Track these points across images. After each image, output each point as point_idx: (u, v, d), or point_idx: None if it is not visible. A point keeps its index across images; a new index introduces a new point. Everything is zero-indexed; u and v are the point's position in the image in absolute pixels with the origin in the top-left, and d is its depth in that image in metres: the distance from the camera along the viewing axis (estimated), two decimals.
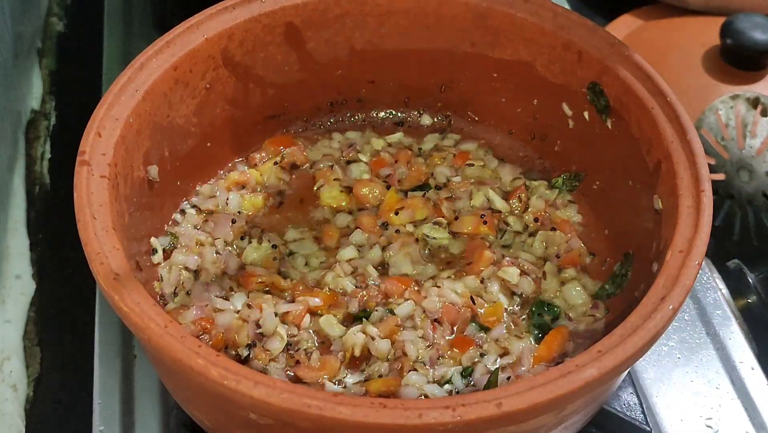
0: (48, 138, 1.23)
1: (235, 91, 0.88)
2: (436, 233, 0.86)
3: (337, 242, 0.86)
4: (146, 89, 0.78)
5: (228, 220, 0.86)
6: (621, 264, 0.82)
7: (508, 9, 0.87)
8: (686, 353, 0.88)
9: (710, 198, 0.71)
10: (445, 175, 0.92)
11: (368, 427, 0.57)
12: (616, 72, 0.81)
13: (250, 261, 0.83)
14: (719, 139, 1.08)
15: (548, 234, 0.87)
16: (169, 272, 0.81)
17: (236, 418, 0.64)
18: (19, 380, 0.99)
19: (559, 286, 0.83)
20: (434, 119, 0.98)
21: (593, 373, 0.60)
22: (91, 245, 0.66)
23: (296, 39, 0.89)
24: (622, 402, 0.80)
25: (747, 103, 1.08)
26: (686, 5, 1.27)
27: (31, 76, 1.28)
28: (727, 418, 0.83)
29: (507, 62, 0.90)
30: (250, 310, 0.78)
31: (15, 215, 1.12)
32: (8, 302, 1.04)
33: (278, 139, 0.94)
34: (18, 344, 1.02)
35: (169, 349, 0.60)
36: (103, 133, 0.73)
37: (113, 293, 0.63)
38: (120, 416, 0.80)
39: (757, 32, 1.11)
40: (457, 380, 0.76)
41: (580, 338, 0.79)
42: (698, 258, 0.67)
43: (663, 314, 0.64)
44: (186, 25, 0.83)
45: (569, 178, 0.90)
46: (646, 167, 0.78)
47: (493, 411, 0.57)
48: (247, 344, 0.76)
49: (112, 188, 0.71)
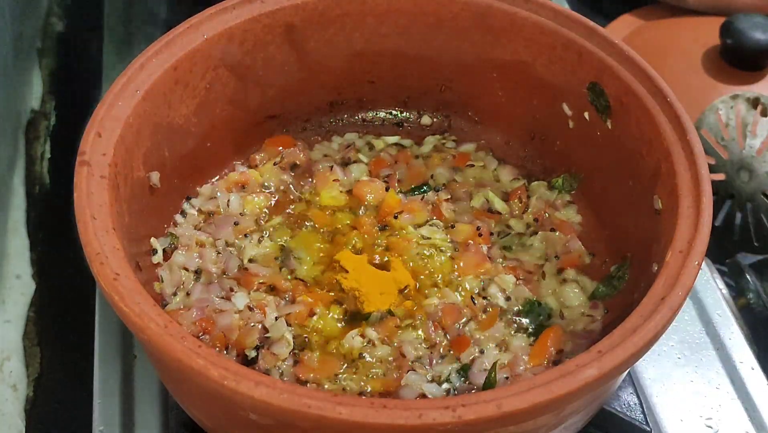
0: (48, 138, 1.23)
1: (235, 91, 0.88)
2: (435, 234, 0.86)
3: (337, 242, 0.86)
4: (146, 89, 0.78)
5: (229, 221, 0.86)
6: (618, 266, 0.82)
7: (508, 9, 0.87)
8: (686, 353, 0.88)
9: (710, 198, 0.71)
10: (444, 176, 0.93)
11: (368, 427, 0.57)
12: (616, 72, 0.81)
13: (248, 259, 0.83)
14: (719, 139, 1.08)
15: (548, 235, 0.87)
16: (169, 272, 0.81)
17: (236, 418, 0.64)
18: (19, 380, 0.99)
19: (558, 286, 0.83)
20: (434, 120, 0.99)
21: (593, 373, 0.60)
22: (91, 245, 0.66)
23: (296, 39, 0.89)
24: (622, 402, 0.80)
25: (747, 103, 1.08)
26: (686, 5, 1.27)
27: (31, 76, 1.28)
28: (727, 418, 0.83)
29: (507, 62, 0.90)
30: (251, 312, 0.79)
31: (15, 215, 1.12)
32: (8, 302, 1.04)
33: (278, 140, 0.94)
34: (18, 344, 1.02)
35: (169, 349, 0.60)
36: (103, 133, 0.73)
37: (113, 293, 0.63)
38: (120, 416, 0.80)
39: (757, 32, 1.11)
40: (455, 379, 0.76)
41: (579, 338, 0.79)
42: (698, 258, 0.67)
43: (663, 314, 0.64)
44: (186, 25, 0.83)
45: (569, 178, 0.90)
46: (646, 167, 0.78)
47: (493, 411, 0.57)
48: (256, 346, 0.76)
49: (112, 189, 0.71)
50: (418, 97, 0.97)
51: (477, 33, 0.89)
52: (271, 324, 0.78)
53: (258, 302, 0.80)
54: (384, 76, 0.95)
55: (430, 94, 0.97)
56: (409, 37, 0.91)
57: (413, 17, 0.90)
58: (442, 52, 0.92)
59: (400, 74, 0.95)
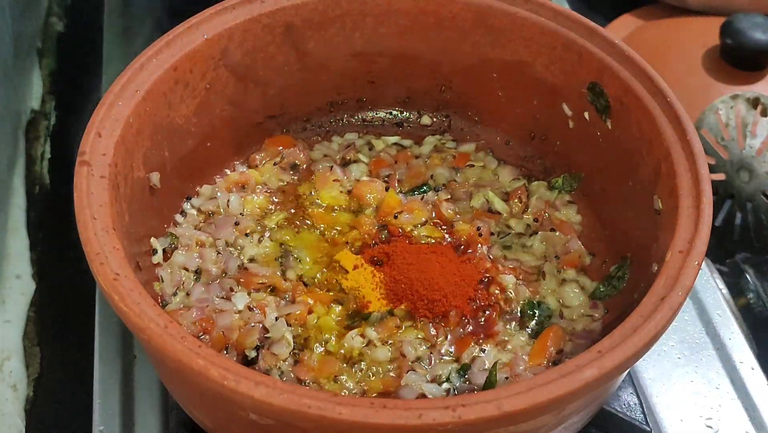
0: (48, 138, 1.23)
1: (235, 91, 0.88)
2: (435, 233, 0.86)
3: (337, 242, 0.86)
4: (146, 89, 0.78)
5: (229, 221, 0.86)
6: (618, 266, 0.82)
7: (508, 9, 0.87)
8: (686, 353, 0.88)
9: (710, 198, 0.71)
10: (444, 176, 0.93)
11: (368, 427, 0.57)
12: (616, 72, 0.81)
13: (248, 259, 0.83)
14: (719, 139, 1.08)
15: (548, 235, 0.87)
16: (169, 272, 0.81)
17: (236, 418, 0.64)
18: (19, 380, 0.99)
19: (558, 286, 0.83)
20: (434, 120, 0.99)
21: (593, 373, 0.60)
22: (91, 245, 0.66)
23: (296, 39, 0.89)
24: (622, 402, 0.80)
25: (747, 103, 1.08)
26: (686, 5, 1.27)
27: (31, 76, 1.28)
28: (727, 418, 0.83)
29: (507, 62, 0.90)
30: (251, 312, 0.79)
31: (15, 215, 1.12)
32: (8, 302, 1.04)
33: (278, 140, 0.94)
34: (18, 344, 1.02)
35: (169, 349, 0.60)
36: (103, 134, 0.73)
37: (113, 293, 0.63)
38: (120, 416, 0.80)
39: (757, 32, 1.11)
40: (455, 379, 0.76)
41: (579, 338, 0.79)
42: (698, 258, 0.67)
43: (663, 314, 0.64)
44: (186, 25, 0.83)
45: (569, 178, 0.90)
46: (646, 167, 0.78)
47: (493, 412, 0.57)
48: (256, 346, 0.76)
49: (112, 189, 0.71)
50: (418, 97, 0.97)
51: (477, 33, 0.89)
52: (271, 324, 0.78)
53: (258, 302, 0.80)
54: (384, 76, 0.95)
55: (430, 94, 0.97)
56: (409, 37, 0.91)
57: (413, 17, 0.90)
58: (442, 52, 0.92)
59: (400, 74, 0.95)
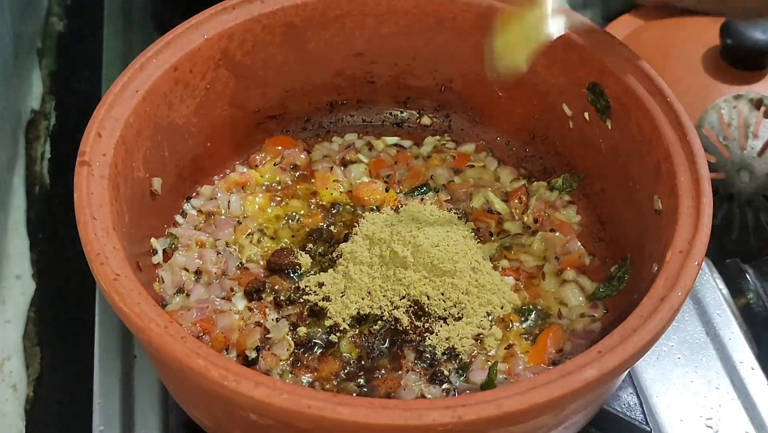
0: (48, 138, 1.23)
1: (235, 91, 0.88)
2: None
3: (337, 242, 0.86)
4: (146, 89, 0.78)
5: (229, 221, 0.86)
6: (618, 267, 0.82)
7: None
8: (686, 353, 0.88)
9: (710, 198, 0.71)
10: (444, 177, 0.92)
11: (368, 427, 0.57)
12: (616, 72, 0.81)
13: (247, 258, 0.83)
14: (721, 138, 1.08)
15: (547, 235, 0.87)
16: (169, 272, 0.81)
17: (236, 418, 0.64)
18: (19, 380, 0.99)
19: (558, 287, 0.83)
20: (434, 120, 0.98)
21: (593, 373, 0.60)
22: (91, 245, 0.66)
23: (296, 39, 0.89)
24: (622, 402, 0.80)
25: (750, 103, 1.08)
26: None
27: (31, 76, 1.28)
28: (727, 418, 0.83)
29: None
30: (251, 312, 0.79)
31: (15, 215, 1.12)
32: (8, 302, 1.04)
33: (278, 140, 0.94)
34: (18, 344, 1.02)
35: (170, 349, 0.60)
36: (103, 134, 0.73)
37: (113, 294, 0.63)
38: (120, 416, 0.80)
39: (757, 32, 1.11)
40: (455, 379, 0.76)
41: (579, 338, 0.79)
42: (698, 258, 0.67)
43: (663, 314, 0.64)
44: (186, 25, 0.83)
45: (569, 178, 0.90)
46: (646, 167, 0.78)
47: (493, 412, 0.57)
48: (256, 347, 0.76)
49: (112, 189, 0.71)
50: (418, 97, 0.97)
51: (477, 33, 0.89)
52: (271, 325, 0.78)
53: (259, 303, 0.80)
54: (384, 76, 0.95)
55: (430, 95, 0.97)
56: (409, 37, 0.91)
57: (413, 17, 0.90)
58: (442, 52, 0.92)
59: (400, 74, 0.95)
